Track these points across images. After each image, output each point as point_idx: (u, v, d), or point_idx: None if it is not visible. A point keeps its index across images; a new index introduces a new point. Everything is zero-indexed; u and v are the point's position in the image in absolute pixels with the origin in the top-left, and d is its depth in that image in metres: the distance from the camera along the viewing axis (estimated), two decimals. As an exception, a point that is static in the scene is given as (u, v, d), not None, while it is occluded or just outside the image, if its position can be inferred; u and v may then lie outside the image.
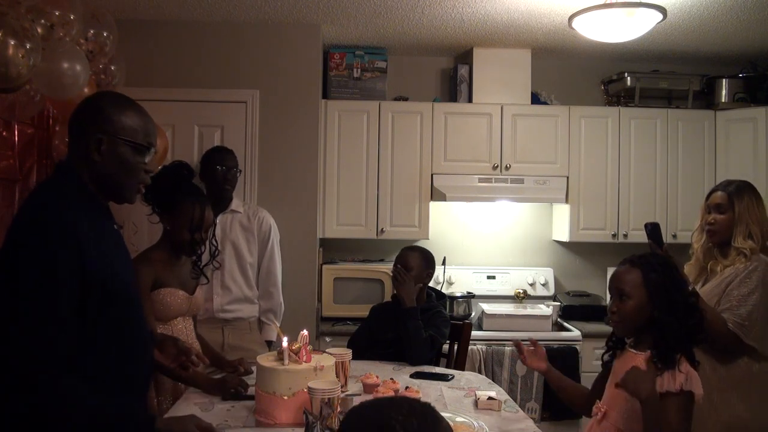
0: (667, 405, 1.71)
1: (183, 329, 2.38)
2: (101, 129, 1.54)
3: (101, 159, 1.55)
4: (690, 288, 1.97)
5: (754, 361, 2.20)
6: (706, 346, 2.02)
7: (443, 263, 3.97)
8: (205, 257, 2.51)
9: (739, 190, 2.32)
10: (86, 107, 1.60)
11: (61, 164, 1.65)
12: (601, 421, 1.86)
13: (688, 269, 2.42)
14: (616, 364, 1.92)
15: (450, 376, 2.52)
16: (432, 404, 1.08)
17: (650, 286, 1.79)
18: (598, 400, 1.92)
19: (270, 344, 3.24)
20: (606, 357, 1.99)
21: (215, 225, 2.55)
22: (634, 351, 1.86)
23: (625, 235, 3.95)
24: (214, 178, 3.19)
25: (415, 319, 2.75)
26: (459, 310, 3.87)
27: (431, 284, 3.08)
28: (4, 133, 2.80)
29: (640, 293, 1.80)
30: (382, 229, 3.87)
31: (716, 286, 2.27)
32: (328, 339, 3.61)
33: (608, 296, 4.26)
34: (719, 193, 2.36)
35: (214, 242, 2.60)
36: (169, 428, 1.53)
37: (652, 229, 2.27)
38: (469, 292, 3.98)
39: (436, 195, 3.86)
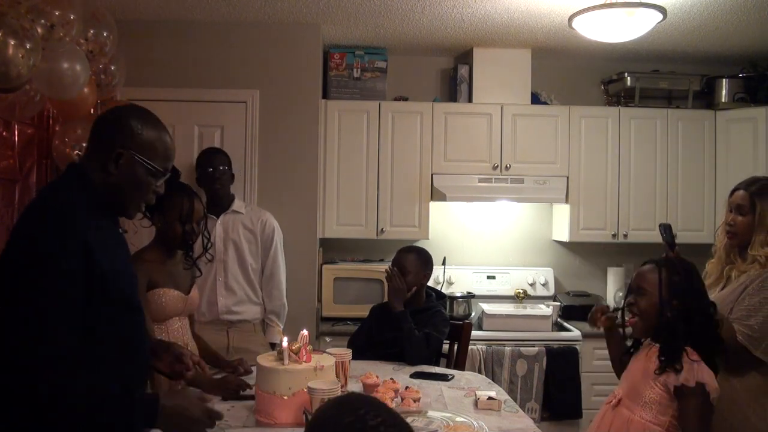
0: (681, 403, 1.78)
1: (179, 329, 2.39)
2: (123, 144, 1.56)
3: (116, 171, 1.56)
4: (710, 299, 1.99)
5: (763, 374, 2.06)
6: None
7: (443, 263, 3.97)
8: (198, 249, 2.52)
9: (763, 191, 2.15)
10: (115, 117, 1.62)
11: (74, 165, 1.65)
12: (615, 407, 1.92)
13: (710, 268, 2.31)
14: (635, 358, 1.98)
15: (450, 376, 2.52)
16: (432, 404, 1.09)
17: (669, 287, 1.85)
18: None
19: (273, 346, 3.24)
20: (624, 358, 2.05)
21: (206, 217, 2.56)
22: (652, 343, 1.91)
23: (625, 235, 3.95)
24: (205, 179, 3.25)
25: (407, 322, 2.75)
26: (459, 310, 3.87)
27: (431, 284, 3.08)
28: (4, 133, 2.80)
29: (657, 292, 1.86)
30: (382, 229, 3.87)
31: (731, 293, 2.15)
32: (328, 339, 3.61)
33: (609, 296, 4.28)
34: (741, 192, 2.19)
35: (206, 234, 2.61)
36: (175, 410, 1.51)
37: (665, 231, 2.16)
38: (469, 292, 3.98)
39: (436, 195, 3.86)
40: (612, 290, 4.11)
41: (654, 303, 1.87)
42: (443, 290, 3.71)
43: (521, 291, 4.07)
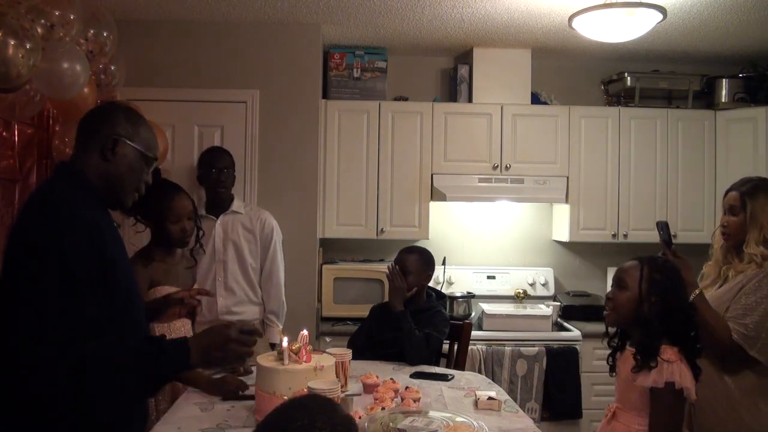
0: (652, 400, 1.79)
1: (182, 327, 2.40)
2: (117, 132, 1.62)
3: (113, 158, 1.61)
4: (691, 297, 1.99)
5: (758, 373, 2.06)
6: (709, 354, 1.99)
7: (443, 263, 3.97)
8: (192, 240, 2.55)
9: (754, 190, 2.14)
10: (103, 112, 1.69)
11: (63, 164, 1.67)
12: (610, 421, 1.92)
13: (708, 270, 2.31)
14: (619, 364, 1.97)
15: (450, 376, 2.52)
16: (432, 404, 1.09)
17: (650, 284, 1.85)
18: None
19: (273, 346, 3.24)
20: (609, 361, 2.03)
21: (196, 210, 2.58)
22: (631, 348, 1.90)
23: (625, 235, 3.94)
24: (208, 180, 3.24)
25: (407, 321, 2.75)
26: (459, 310, 3.87)
27: (431, 284, 3.08)
28: (4, 133, 2.80)
29: (638, 287, 1.86)
30: (382, 229, 3.87)
31: (727, 292, 2.15)
32: (328, 339, 3.61)
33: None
34: (733, 192, 2.20)
35: (198, 223, 2.62)
36: (206, 343, 1.58)
37: (662, 228, 2.20)
38: (469, 292, 3.98)
39: (436, 195, 3.86)
40: (612, 290, 4.11)
41: (633, 298, 1.87)
42: (443, 290, 3.71)
43: (521, 291, 4.07)
